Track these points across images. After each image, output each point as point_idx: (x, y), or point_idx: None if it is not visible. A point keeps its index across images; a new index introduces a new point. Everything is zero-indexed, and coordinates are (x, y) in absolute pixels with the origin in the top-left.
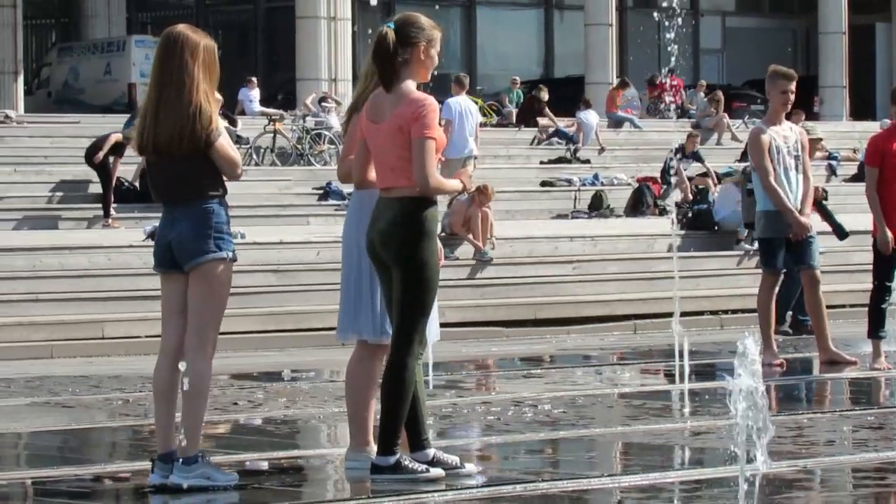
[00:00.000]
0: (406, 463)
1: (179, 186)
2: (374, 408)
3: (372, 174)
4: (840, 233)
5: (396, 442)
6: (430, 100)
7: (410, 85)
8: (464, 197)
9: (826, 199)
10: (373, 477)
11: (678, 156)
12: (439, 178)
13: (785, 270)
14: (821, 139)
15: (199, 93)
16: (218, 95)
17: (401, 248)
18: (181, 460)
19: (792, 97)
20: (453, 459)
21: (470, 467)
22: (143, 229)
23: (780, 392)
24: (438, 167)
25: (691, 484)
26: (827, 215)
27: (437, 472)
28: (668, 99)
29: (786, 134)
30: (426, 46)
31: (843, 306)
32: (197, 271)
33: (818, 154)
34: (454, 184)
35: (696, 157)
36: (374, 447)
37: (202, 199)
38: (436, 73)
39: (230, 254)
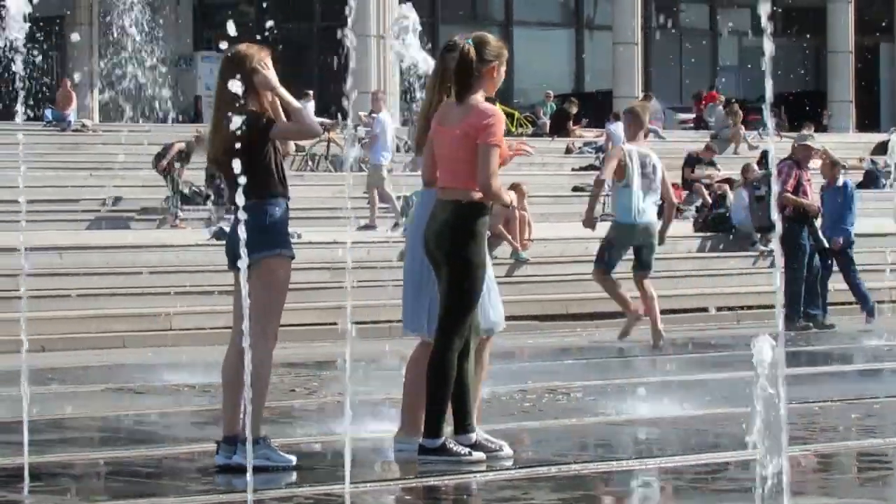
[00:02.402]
0: (451, 445)
1: (241, 189)
2: None
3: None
4: (821, 249)
5: (441, 426)
6: (499, 111)
7: (480, 97)
8: None
9: (817, 216)
10: (419, 458)
11: (696, 164)
12: (499, 184)
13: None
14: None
15: (249, 105)
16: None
17: (450, 249)
18: (244, 442)
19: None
20: (494, 443)
21: (508, 450)
22: (207, 230)
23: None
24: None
25: (711, 466)
26: (813, 231)
27: (479, 454)
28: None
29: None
30: (498, 64)
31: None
32: (256, 266)
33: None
34: (506, 196)
35: (711, 164)
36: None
37: (262, 201)
38: None
39: (286, 251)
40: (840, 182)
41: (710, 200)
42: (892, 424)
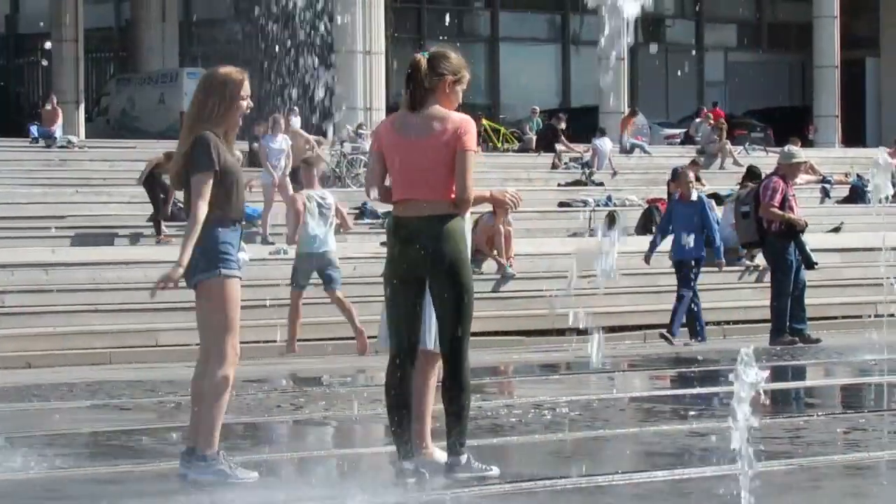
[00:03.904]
0: (472, 462)
1: (188, 209)
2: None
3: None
4: (808, 263)
5: (465, 441)
6: (469, 118)
7: (441, 108)
8: (487, 216)
9: (803, 231)
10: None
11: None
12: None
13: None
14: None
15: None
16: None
17: (451, 265)
18: (196, 457)
19: None
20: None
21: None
22: None
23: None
24: None
25: (696, 480)
26: (800, 245)
27: (496, 469)
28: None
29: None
30: (452, 81)
31: (836, 317)
32: (200, 288)
33: (811, 177)
34: (483, 194)
35: (697, 180)
36: (432, 450)
37: (207, 222)
38: (462, 102)
39: (227, 271)
40: (694, 196)
41: None
42: (876, 438)
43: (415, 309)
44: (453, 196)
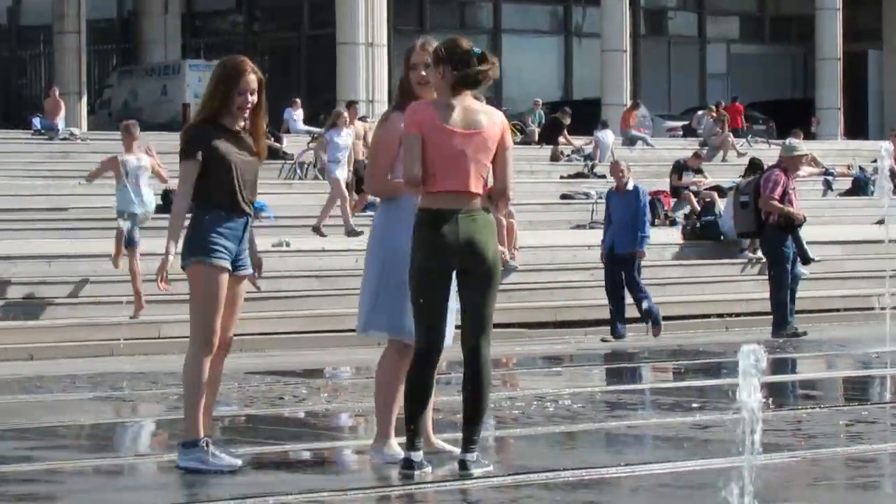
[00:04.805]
0: (480, 458)
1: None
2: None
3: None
4: (805, 258)
5: (479, 437)
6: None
7: (473, 100)
8: None
9: (801, 225)
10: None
11: (684, 171)
12: None
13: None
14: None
15: (224, 119)
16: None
17: (493, 260)
18: (181, 443)
19: None
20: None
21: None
22: None
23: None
24: None
25: (699, 473)
26: (797, 240)
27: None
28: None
29: None
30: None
31: (838, 310)
32: (186, 272)
33: (814, 169)
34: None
35: (699, 172)
36: (434, 440)
37: (198, 210)
38: None
39: (208, 259)
40: (630, 187)
41: (698, 208)
42: (879, 430)
43: (445, 302)
44: (488, 190)
